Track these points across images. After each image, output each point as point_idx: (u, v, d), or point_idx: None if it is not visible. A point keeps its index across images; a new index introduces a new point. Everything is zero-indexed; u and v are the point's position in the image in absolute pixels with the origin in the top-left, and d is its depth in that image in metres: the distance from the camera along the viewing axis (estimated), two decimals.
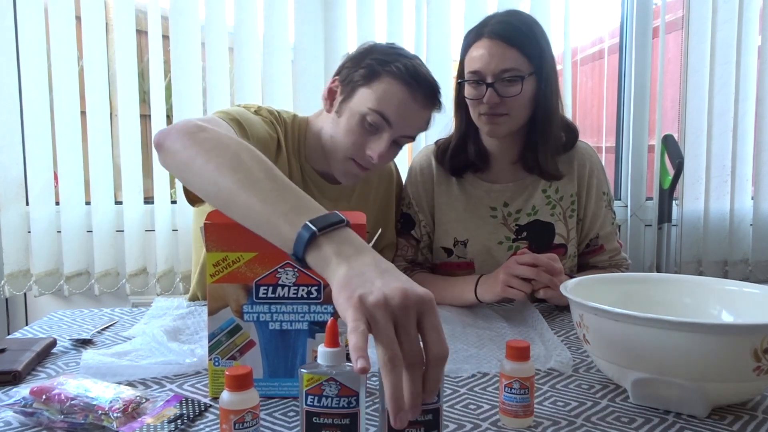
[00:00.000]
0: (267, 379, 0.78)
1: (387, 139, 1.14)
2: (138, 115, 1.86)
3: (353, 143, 1.16)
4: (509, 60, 1.19)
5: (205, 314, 1.11)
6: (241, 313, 0.77)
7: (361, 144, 1.16)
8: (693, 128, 1.96)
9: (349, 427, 0.62)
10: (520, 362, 0.71)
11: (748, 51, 1.94)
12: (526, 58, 1.20)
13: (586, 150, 1.36)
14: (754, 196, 2.01)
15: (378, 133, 1.15)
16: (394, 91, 1.12)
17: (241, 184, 0.71)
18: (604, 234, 1.35)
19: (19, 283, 1.88)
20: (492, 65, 1.19)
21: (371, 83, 1.13)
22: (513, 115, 1.23)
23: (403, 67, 1.13)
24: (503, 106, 1.21)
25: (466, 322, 1.12)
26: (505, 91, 1.20)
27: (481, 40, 1.21)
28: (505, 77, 1.19)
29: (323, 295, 0.77)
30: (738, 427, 0.71)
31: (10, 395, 0.74)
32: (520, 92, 1.20)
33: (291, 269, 0.76)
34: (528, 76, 1.21)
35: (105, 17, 1.83)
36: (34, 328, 1.12)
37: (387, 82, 1.13)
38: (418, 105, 1.15)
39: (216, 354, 0.78)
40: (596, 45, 2.71)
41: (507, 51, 1.19)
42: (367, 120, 1.13)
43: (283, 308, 0.77)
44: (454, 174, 1.37)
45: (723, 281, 0.91)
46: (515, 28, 1.21)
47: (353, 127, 1.15)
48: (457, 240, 1.34)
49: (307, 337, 0.77)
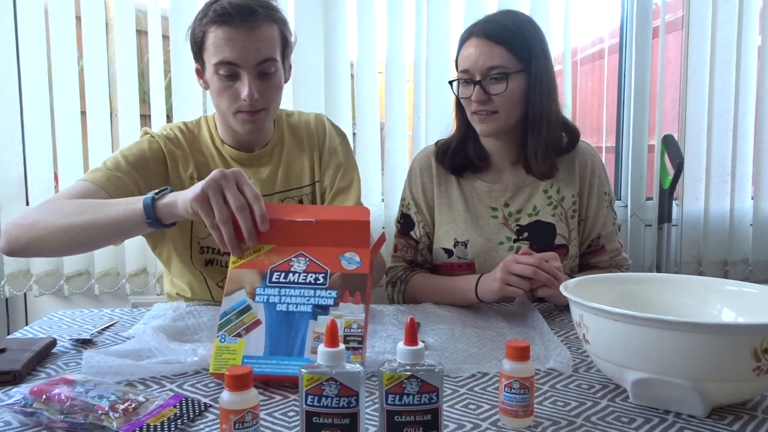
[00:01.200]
0: (267, 356, 0.82)
1: (247, 78, 1.19)
2: (138, 115, 1.86)
3: (227, 99, 1.22)
4: (496, 57, 1.21)
5: (205, 315, 1.14)
6: (254, 295, 0.86)
7: (233, 95, 1.21)
8: (693, 128, 1.96)
9: (349, 427, 0.62)
10: (520, 362, 0.71)
11: (748, 51, 1.94)
12: (514, 56, 1.22)
13: (588, 150, 1.36)
14: (754, 196, 2.01)
15: (238, 80, 1.20)
16: (219, 36, 1.17)
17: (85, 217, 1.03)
18: (605, 234, 1.35)
19: (19, 283, 1.88)
20: (479, 63, 1.22)
21: (204, 45, 1.20)
22: (502, 112, 1.24)
23: (215, 11, 1.17)
24: (492, 103, 1.23)
25: (466, 322, 1.12)
26: (492, 89, 1.22)
27: (471, 40, 1.24)
28: (492, 75, 1.22)
29: (329, 282, 0.86)
30: (738, 427, 0.71)
31: (10, 395, 0.74)
32: (506, 89, 1.21)
33: (303, 258, 0.88)
34: (515, 73, 1.22)
35: (105, 17, 1.83)
36: (34, 328, 1.12)
37: (210, 35, 1.18)
38: (246, 30, 1.17)
39: (224, 331, 0.84)
40: (596, 45, 2.71)
41: (493, 49, 1.21)
42: (220, 74, 1.19)
43: (291, 292, 0.86)
44: (455, 173, 1.37)
45: (723, 281, 0.91)
46: (503, 27, 1.23)
47: (218, 88, 1.21)
48: (457, 241, 1.34)
49: (309, 319, 0.84)
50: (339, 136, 1.41)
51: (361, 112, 1.90)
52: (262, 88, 1.21)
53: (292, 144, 1.37)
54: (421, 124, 1.90)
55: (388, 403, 0.63)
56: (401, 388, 0.62)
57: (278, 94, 1.27)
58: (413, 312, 1.20)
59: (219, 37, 1.17)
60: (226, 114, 1.25)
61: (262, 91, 1.21)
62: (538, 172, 1.30)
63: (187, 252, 1.30)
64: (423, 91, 1.89)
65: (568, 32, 1.92)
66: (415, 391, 0.62)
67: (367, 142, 1.91)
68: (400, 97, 1.90)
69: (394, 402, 0.62)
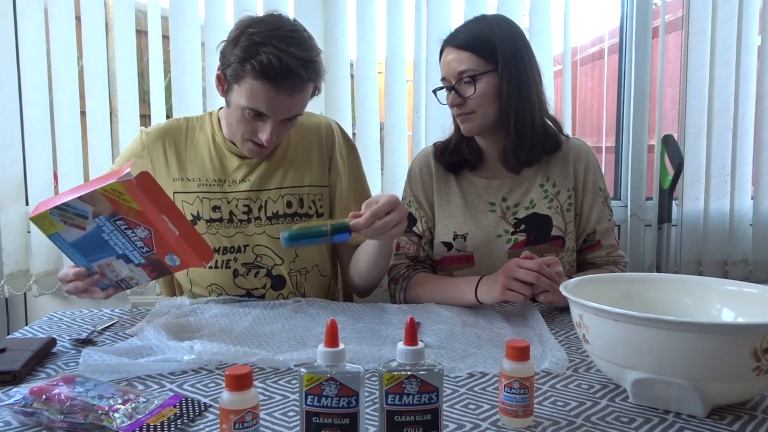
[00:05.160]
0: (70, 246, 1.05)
1: (271, 125, 1.22)
2: (138, 115, 1.86)
3: (244, 130, 1.25)
4: (464, 62, 1.28)
5: (207, 312, 1.14)
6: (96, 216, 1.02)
7: (251, 129, 1.24)
8: (693, 128, 1.96)
9: (348, 427, 0.62)
10: (519, 362, 0.71)
11: (748, 51, 1.94)
12: (481, 59, 1.28)
13: (582, 147, 1.40)
14: (754, 196, 2.01)
15: (262, 120, 1.22)
16: (258, 90, 1.17)
17: None
18: (601, 229, 1.38)
19: (19, 283, 1.88)
20: (452, 69, 1.30)
21: (239, 82, 1.19)
22: (479, 112, 1.30)
23: (262, 64, 1.14)
24: (467, 105, 1.30)
25: (466, 322, 1.12)
26: (464, 91, 1.29)
27: (446, 50, 1.33)
28: (462, 78, 1.28)
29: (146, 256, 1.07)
30: (738, 427, 0.71)
31: (10, 395, 0.74)
32: (475, 91, 1.28)
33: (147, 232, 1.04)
34: (482, 74, 1.27)
35: (105, 17, 1.83)
36: (34, 328, 1.12)
37: (249, 82, 1.17)
38: (286, 95, 1.19)
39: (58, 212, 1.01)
40: (596, 45, 2.71)
41: (461, 54, 1.29)
42: (246, 112, 1.21)
43: (119, 236, 1.04)
44: (452, 171, 1.41)
45: (723, 281, 0.91)
46: (469, 33, 1.31)
47: (239, 118, 1.24)
48: (456, 234, 1.36)
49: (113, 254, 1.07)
50: (347, 147, 1.44)
51: (361, 112, 1.90)
52: (280, 130, 1.24)
53: (297, 143, 1.38)
54: (421, 123, 1.90)
55: (387, 403, 0.63)
56: (401, 388, 0.62)
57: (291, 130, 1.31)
58: (413, 312, 1.20)
59: (257, 90, 1.17)
60: (235, 136, 1.29)
61: (280, 132, 1.25)
62: (511, 166, 1.36)
63: None
64: (423, 91, 1.89)
65: (568, 32, 1.92)
66: (414, 391, 0.62)
67: (366, 141, 1.91)
68: (399, 97, 1.90)
69: (394, 402, 0.62)
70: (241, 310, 1.18)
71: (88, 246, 1.06)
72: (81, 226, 1.03)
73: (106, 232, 1.04)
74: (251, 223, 1.33)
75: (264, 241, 1.33)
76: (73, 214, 1.02)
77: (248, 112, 1.20)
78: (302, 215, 1.36)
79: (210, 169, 1.34)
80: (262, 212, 1.34)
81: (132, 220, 1.02)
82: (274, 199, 1.34)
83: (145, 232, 1.04)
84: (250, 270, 1.34)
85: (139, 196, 1.00)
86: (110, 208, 1.00)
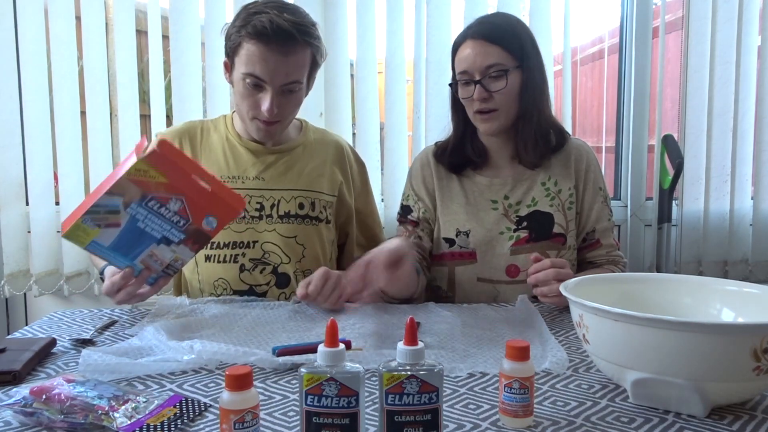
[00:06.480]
0: (108, 248, 1.03)
1: (270, 93, 1.26)
2: (138, 115, 1.86)
3: (248, 105, 1.30)
4: (493, 56, 1.26)
5: (207, 312, 1.14)
6: (128, 205, 1.00)
7: (254, 103, 1.29)
8: (693, 128, 1.96)
9: (348, 427, 0.62)
10: (519, 362, 0.71)
11: (748, 51, 1.94)
12: (509, 54, 1.27)
13: (583, 147, 1.41)
14: (754, 196, 2.01)
15: (262, 91, 1.27)
16: (253, 52, 1.23)
17: None
18: (600, 228, 1.39)
19: (19, 283, 1.88)
20: (478, 63, 1.26)
21: (237, 51, 1.26)
22: (502, 110, 1.29)
23: (255, 27, 1.21)
24: (492, 101, 1.28)
25: (466, 322, 1.12)
26: (492, 86, 1.27)
27: (466, 42, 1.29)
28: (490, 73, 1.26)
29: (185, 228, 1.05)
30: (737, 427, 0.71)
31: (10, 395, 0.74)
32: (506, 85, 1.26)
33: (180, 203, 1.03)
34: (513, 69, 1.27)
35: (105, 17, 1.83)
36: (34, 328, 1.12)
37: (245, 47, 1.24)
38: (280, 54, 1.23)
39: (90, 216, 1.00)
40: (596, 45, 2.71)
41: (490, 48, 1.26)
42: (246, 82, 1.26)
43: (155, 219, 1.03)
44: (454, 171, 1.42)
45: (723, 281, 0.91)
46: (496, 27, 1.29)
47: (241, 92, 1.29)
48: (459, 231, 1.37)
49: (154, 242, 1.05)
50: (358, 164, 1.52)
51: (361, 112, 1.90)
52: (281, 103, 1.28)
53: (311, 152, 1.43)
54: (421, 124, 1.90)
55: (387, 403, 0.63)
56: (401, 388, 0.62)
57: (296, 109, 1.35)
58: (414, 312, 1.20)
59: (253, 52, 1.23)
60: (244, 116, 1.34)
61: (282, 105, 1.28)
62: (528, 162, 1.36)
63: None
64: (423, 91, 1.89)
65: (568, 32, 1.92)
66: (414, 391, 0.62)
67: (366, 142, 1.91)
68: (399, 97, 1.90)
69: (394, 402, 0.62)
70: (241, 310, 1.18)
71: (127, 243, 1.04)
72: (115, 222, 1.01)
73: (140, 220, 1.02)
74: (262, 220, 1.36)
75: (273, 238, 1.36)
76: (105, 212, 1.00)
77: (248, 80, 1.25)
78: (313, 218, 1.40)
79: (224, 166, 1.38)
80: (274, 210, 1.37)
81: (163, 195, 1.01)
82: (287, 199, 1.38)
83: (177, 204, 1.02)
84: (256, 266, 1.35)
85: (166, 164, 0.99)
86: (139, 191, 0.99)
